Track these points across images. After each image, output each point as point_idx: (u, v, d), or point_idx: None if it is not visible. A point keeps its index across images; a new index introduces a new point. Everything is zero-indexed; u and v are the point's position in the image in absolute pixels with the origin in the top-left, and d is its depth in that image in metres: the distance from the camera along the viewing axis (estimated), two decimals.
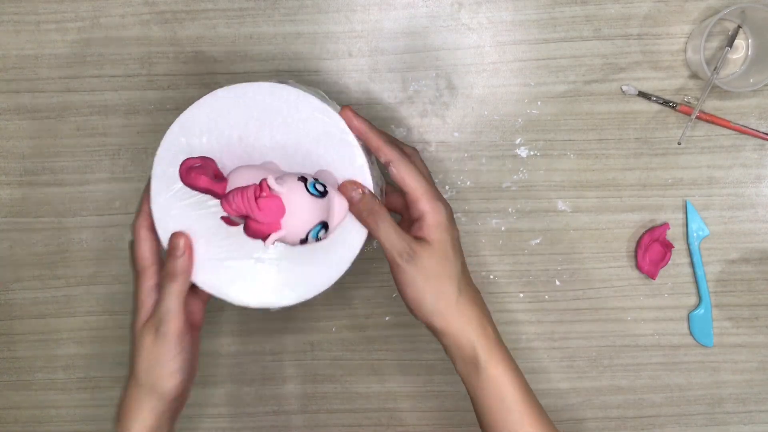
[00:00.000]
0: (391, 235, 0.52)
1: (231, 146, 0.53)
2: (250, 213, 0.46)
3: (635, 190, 0.68)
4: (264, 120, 0.53)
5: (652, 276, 0.68)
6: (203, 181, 0.49)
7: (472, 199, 0.69)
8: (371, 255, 0.70)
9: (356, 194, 0.52)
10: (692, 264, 0.69)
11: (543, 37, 0.67)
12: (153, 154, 0.69)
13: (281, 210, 0.47)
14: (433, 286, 0.52)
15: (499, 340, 0.55)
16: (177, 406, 0.57)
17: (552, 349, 0.71)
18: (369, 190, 0.53)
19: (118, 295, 0.72)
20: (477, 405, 0.55)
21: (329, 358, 0.72)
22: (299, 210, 0.47)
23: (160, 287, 0.54)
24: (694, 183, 0.68)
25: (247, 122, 0.54)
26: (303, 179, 0.48)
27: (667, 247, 0.68)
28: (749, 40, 0.66)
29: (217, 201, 0.50)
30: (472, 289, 0.55)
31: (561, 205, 0.69)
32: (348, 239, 0.54)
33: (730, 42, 0.65)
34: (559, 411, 0.72)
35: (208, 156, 0.53)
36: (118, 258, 0.71)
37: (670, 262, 0.68)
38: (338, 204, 0.50)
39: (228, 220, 0.53)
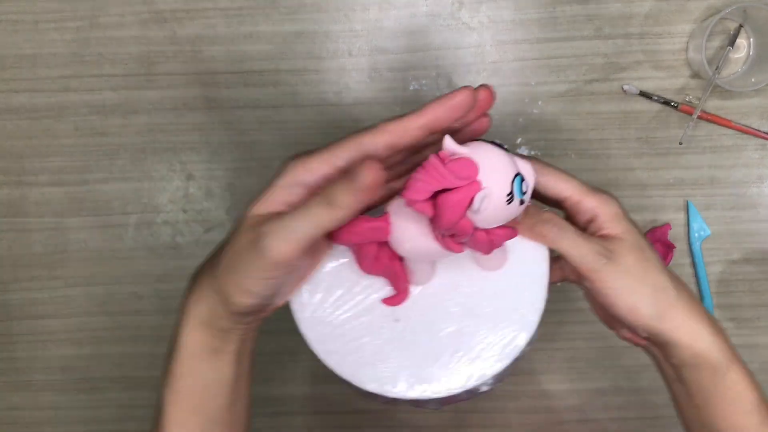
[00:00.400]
0: (577, 240, 0.43)
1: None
2: (445, 182, 0.37)
3: (636, 190, 0.68)
4: None
5: None
6: (363, 225, 0.41)
7: None
8: None
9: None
10: (694, 264, 0.69)
11: (544, 36, 0.66)
12: (152, 153, 0.69)
13: (475, 166, 0.38)
14: (646, 286, 0.44)
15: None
16: (238, 334, 0.44)
17: (553, 350, 0.71)
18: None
19: (117, 296, 0.72)
20: (706, 413, 0.47)
21: None
22: (491, 160, 0.39)
23: (307, 203, 0.39)
24: (696, 183, 0.68)
25: None
26: (497, 143, 0.41)
27: (669, 247, 0.67)
28: (751, 40, 0.66)
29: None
30: (682, 281, 0.46)
31: None
32: (526, 287, 0.46)
33: (732, 41, 0.65)
34: (560, 412, 0.72)
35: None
36: (117, 258, 0.71)
37: (671, 262, 0.68)
38: (521, 162, 0.41)
39: (391, 300, 0.45)
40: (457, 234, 0.40)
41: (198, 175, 0.70)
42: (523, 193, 0.39)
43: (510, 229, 0.42)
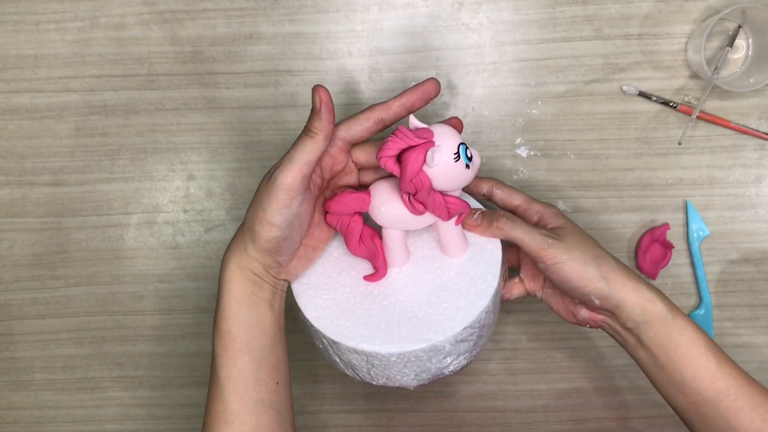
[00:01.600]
0: (527, 228, 0.55)
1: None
2: (408, 141, 0.51)
3: (635, 190, 0.68)
4: None
5: (652, 276, 0.68)
6: (348, 199, 0.54)
7: (472, 200, 0.69)
8: None
9: (475, 217, 0.57)
10: (692, 264, 0.69)
11: (543, 37, 0.67)
12: (153, 154, 0.69)
13: (431, 132, 0.51)
14: (588, 255, 0.54)
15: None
16: (269, 282, 0.55)
17: (552, 350, 0.71)
18: (480, 208, 0.58)
19: (118, 296, 0.72)
20: (671, 367, 0.53)
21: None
22: (443, 131, 0.52)
23: (295, 142, 0.52)
24: (695, 183, 0.68)
25: None
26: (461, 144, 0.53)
27: (668, 247, 0.68)
28: (750, 40, 0.66)
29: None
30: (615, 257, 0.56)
31: (561, 205, 0.69)
32: (484, 270, 0.56)
33: (731, 42, 0.65)
34: (560, 411, 0.72)
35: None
36: (118, 258, 0.71)
37: (670, 262, 0.68)
38: (472, 149, 0.53)
39: (371, 277, 0.57)
40: (418, 190, 0.51)
41: (198, 175, 0.70)
42: (469, 159, 0.52)
43: (463, 201, 0.54)
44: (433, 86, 0.54)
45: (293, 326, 0.72)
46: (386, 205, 0.54)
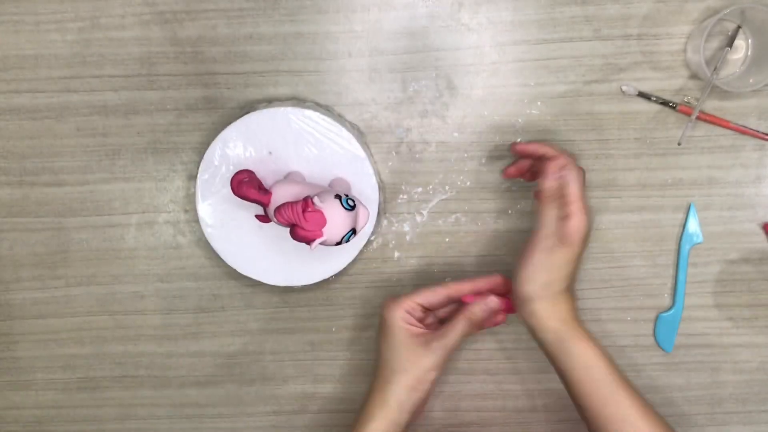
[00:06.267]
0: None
1: (263, 159, 0.66)
2: (299, 223, 0.58)
3: (635, 191, 0.68)
4: (290, 138, 0.66)
5: None
6: (252, 193, 0.61)
7: (472, 199, 0.69)
8: (370, 255, 0.70)
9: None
10: (677, 266, 0.69)
11: (543, 37, 0.67)
12: (154, 154, 0.69)
13: (323, 221, 0.58)
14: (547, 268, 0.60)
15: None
16: (412, 414, 0.63)
17: None
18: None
19: (118, 295, 0.72)
20: (566, 379, 0.61)
21: (329, 358, 0.72)
22: (337, 221, 0.59)
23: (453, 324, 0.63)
24: (694, 183, 0.68)
25: (277, 140, 0.66)
26: (338, 197, 0.60)
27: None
28: (749, 41, 0.66)
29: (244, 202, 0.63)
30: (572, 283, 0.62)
31: None
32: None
33: (730, 42, 0.65)
34: (559, 411, 0.72)
35: (248, 168, 0.64)
36: (118, 258, 0.71)
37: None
38: (362, 215, 0.61)
39: (262, 218, 0.66)
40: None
41: None
42: (349, 241, 0.61)
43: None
44: (501, 285, 0.65)
45: (293, 326, 0.72)
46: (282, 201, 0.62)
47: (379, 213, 0.68)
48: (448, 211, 0.70)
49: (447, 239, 0.70)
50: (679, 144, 0.67)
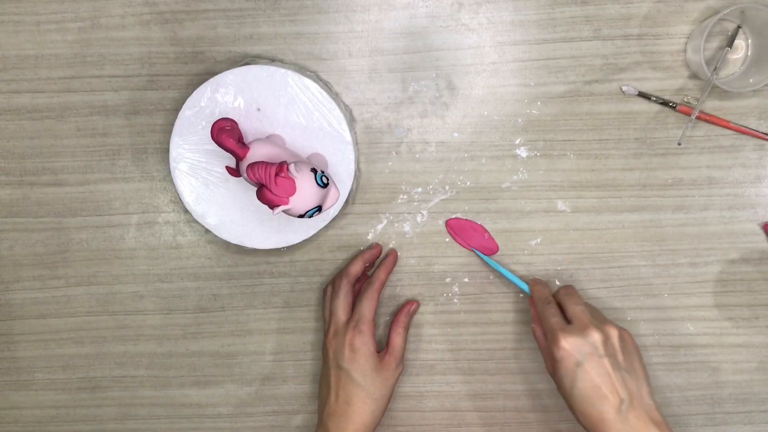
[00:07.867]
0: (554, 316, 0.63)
1: (250, 114, 0.65)
2: (268, 185, 0.57)
3: (635, 191, 0.68)
4: (282, 101, 0.65)
5: None
6: (231, 143, 0.61)
7: (472, 199, 0.69)
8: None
9: (542, 289, 0.66)
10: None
11: (543, 37, 0.67)
12: (154, 154, 0.69)
13: (293, 190, 0.57)
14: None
15: None
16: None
17: None
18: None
19: (118, 295, 0.72)
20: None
21: None
22: (306, 194, 0.58)
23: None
24: (694, 183, 0.68)
25: (269, 99, 0.65)
26: (314, 171, 0.58)
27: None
28: (749, 41, 0.66)
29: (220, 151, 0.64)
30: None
31: (561, 205, 0.69)
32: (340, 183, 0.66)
33: (730, 42, 0.65)
34: (560, 411, 0.72)
35: (233, 118, 0.64)
36: (118, 258, 0.71)
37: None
38: (333, 195, 0.60)
39: (231, 171, 0.65)
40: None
41: None
42: (311, 217, 0.60)
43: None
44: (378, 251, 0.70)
45: (293, 326, 0.72)
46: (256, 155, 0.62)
47: (347, 201, 0.68)
48: (448, 211, 0.70)
49: (447, 239, 0.70)
50: (679, 144, 0.67)
